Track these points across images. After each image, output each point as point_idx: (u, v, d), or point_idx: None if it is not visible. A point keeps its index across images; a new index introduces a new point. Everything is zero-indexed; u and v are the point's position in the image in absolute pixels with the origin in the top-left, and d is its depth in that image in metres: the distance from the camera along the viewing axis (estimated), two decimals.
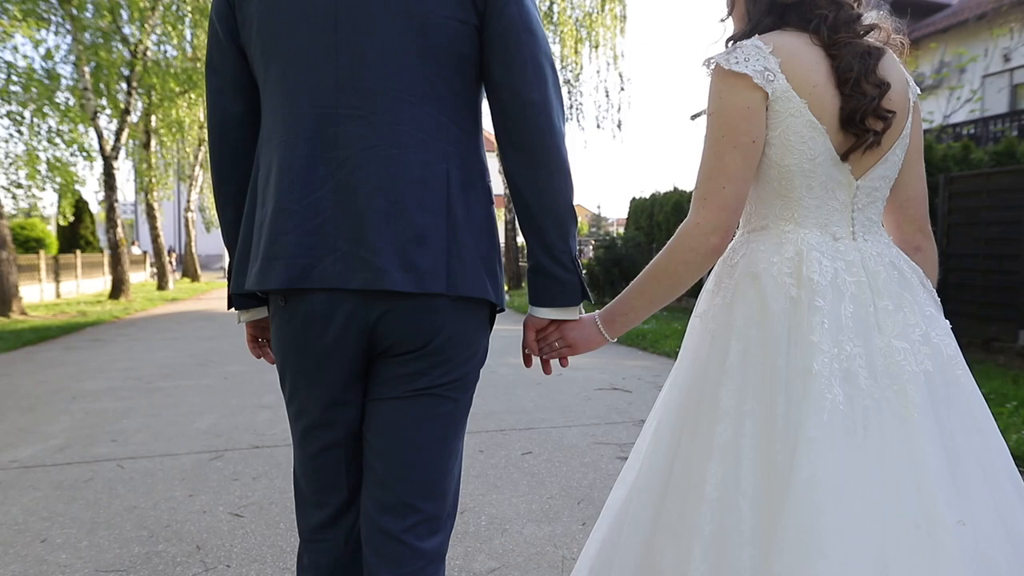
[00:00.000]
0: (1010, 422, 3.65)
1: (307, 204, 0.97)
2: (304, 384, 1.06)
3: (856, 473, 0.91)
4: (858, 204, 1.06)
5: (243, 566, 2.13)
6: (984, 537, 0.90)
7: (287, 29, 0.99)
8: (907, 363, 0.96)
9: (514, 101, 1.02)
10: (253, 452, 3.34)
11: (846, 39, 1.01)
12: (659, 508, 1.06)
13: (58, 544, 2.30)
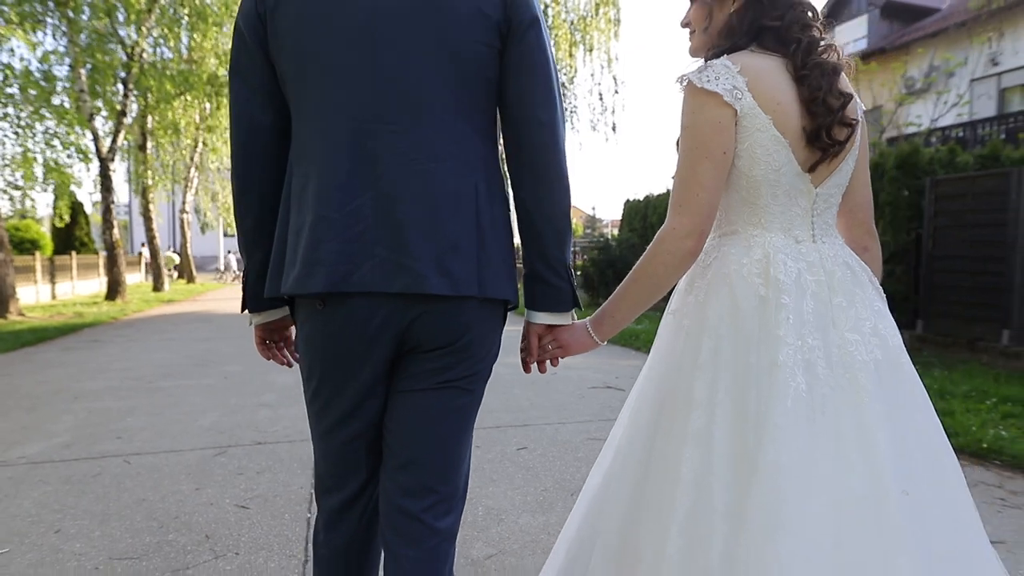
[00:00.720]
0: (988, 418, 3.78)
1: (347, 213, 1.05)
2: (339, 380, 1.14)
3: (815, 455, 1.02)
4: (817, 210, 1.17)
5: (251, 554, 2.23)
6: (924, 505, 1.02)
7: (324, 49, 1.06)
8: (859, 353, 1.08)
9: (526, 119, 1.12)
10: (256, 448, 3.43)
11: (815, 61, 1.12)
12: (637, 490, 1.17)
13: (72, 534, 2.39)
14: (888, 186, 7.16)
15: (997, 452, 3.31)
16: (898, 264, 6.89)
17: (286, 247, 1.11)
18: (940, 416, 3.29)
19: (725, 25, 1.18)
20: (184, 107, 15.76)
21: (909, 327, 7.07)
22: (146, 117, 15.55)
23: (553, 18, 15.44)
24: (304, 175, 1.10)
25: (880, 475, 1.00)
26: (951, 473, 1.10)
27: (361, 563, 1.26)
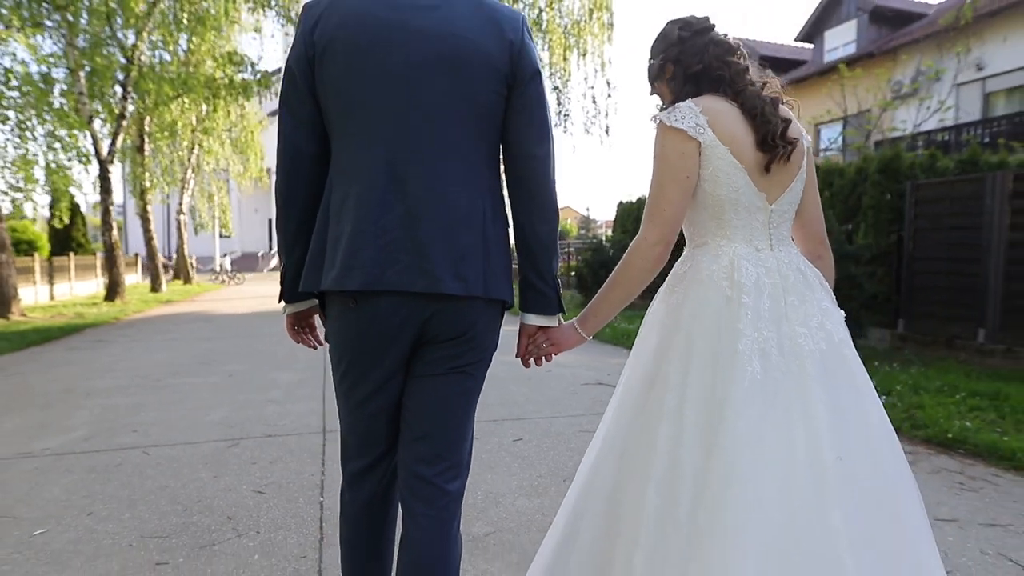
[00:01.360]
0: (955, 411, 4.01)
1: (380, 226, 1.27)
2: (366, 365, 1.35)
3: (766, 427, 1.24)
4: (773, 223, 1.39)
5: (270, 532, 2.43)
6: (857, 469, 1.24)
7: (366, 94, 1.28)
8: (806, 344, 1.29)
9: (524, 155, 1.36)
10: (267, 440, 3.63)
11: (744, 86, 1.36)
12: (622, 461, 1.39)
13: (103, 517, 2.59)
14: (871, 189, 7.41)
15: (961, 442, 3.54)
16: (880, 266, 7.13)
17: (325, 251, 1.32)
18: (912, 409, 3.54)
19: (671, 91, 1.45)
20: (182, 109, 15.90)
21: (891, 326, 7.32)
22: (144, 119, 15.68)
23: (548, 22, 15.66)
24: (344, 193, 1.32)
25: (819, 444, 1.22)
26: (885, 445, 1.31)
27: (380, 518, 1.49)
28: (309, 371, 5.78)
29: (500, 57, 1.30)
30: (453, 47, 1.27)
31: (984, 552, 2.33)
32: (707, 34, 1.42)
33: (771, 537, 1.16)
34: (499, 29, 1.31)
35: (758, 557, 1.14)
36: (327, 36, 1.28)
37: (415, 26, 1.27)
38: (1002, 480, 3.09)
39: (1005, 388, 4.53)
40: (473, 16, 1.30)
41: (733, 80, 1.37)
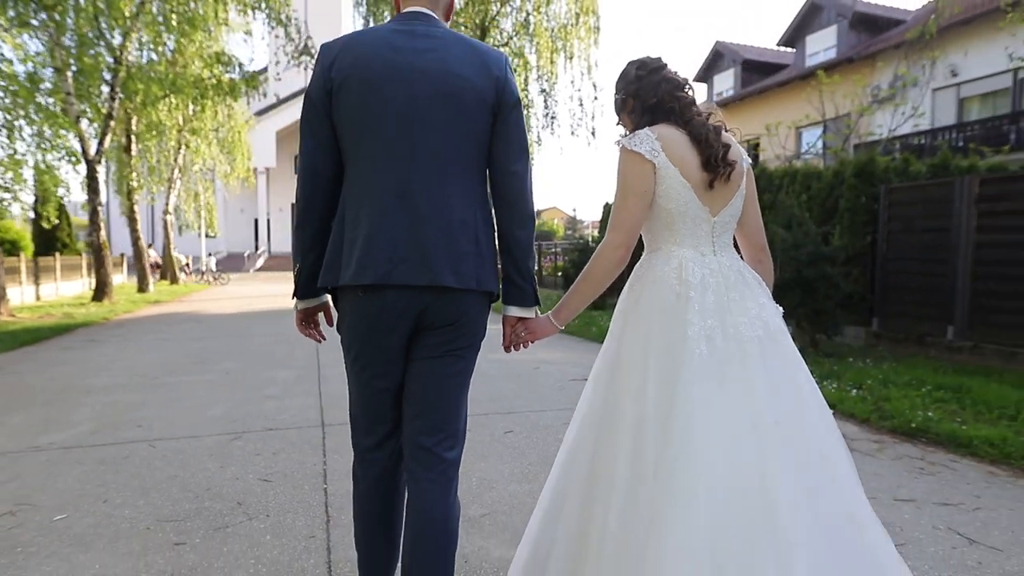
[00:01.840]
0: (920, 403, 4.26)
1: (389, 232, 1.50)
2: (374, 348, 1.57)
3: (713, 399, 1.47)
4: (716, 233, 1.63)
5: (279, 515, 2.60)
6: (793, 433, 1.46)
7: (377, 123, 1.52)
8: (746, 331, 1.53)
9: (506, 171, 1.60)
10: (268, 433, 3.79)
11: (691, 116, 1.61)
12: (598, 432, 1.61)
13: (118, 504, 2.74)
14: (847, 193, 7.69)
15: (924, 431, 3.78)
16: (855, 266, 7.39)
17: (341, 253, 1.55)
18: (880, 401, 3.80)
19: (631, 121, 1.70)
20: (169, 109, 15.89)
21: (866, 324, 7.60)
22: (131, 119, 15.66)
23: (535, 25, 15.87)
24: (358, 205, 1.54)
25: (759, 412, 1.45)
26: (817, 414, 1.55)
27: (389, 491, 1.69)
28: (304, 369, 5.92)
29: (487, 91, 1.55)
30: (449, 84, 1.52)
31: (936, 527, 2.56)
32: (660, 72, 1.67)
33: (720, 490, 1.38)
34: (487, 67, 1.56)
35: (709, 506, 1.36)
36: (343, 73, 1.51)
37: (417, 66, 1.51)
38: (959, 465, 3.33)
39: (968, 382, 4.79)
40: (465, 56, 1.55)
41: (682, 111, 1.62)
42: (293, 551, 2.31)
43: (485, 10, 15.59)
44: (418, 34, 1.56)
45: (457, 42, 1.58)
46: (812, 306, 6.79)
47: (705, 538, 1.35)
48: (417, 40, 1.54)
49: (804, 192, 8.23)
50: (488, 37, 15.95)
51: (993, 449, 3.44)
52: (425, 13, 1.61)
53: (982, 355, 6.17)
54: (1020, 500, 2.86)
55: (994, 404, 4.18)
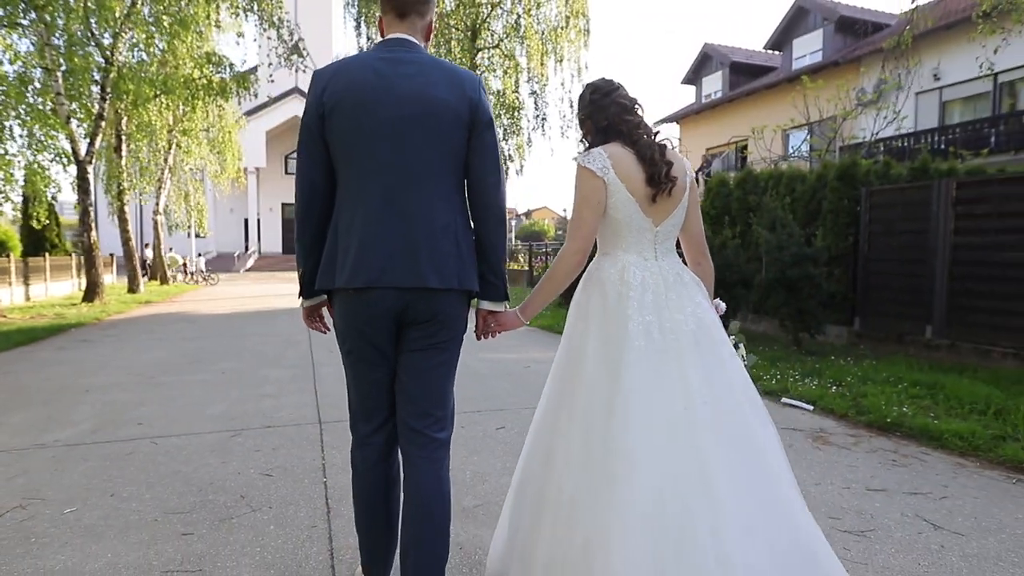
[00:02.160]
0: (895, 399, 4.44)
1: (380, 239, 1.69)
2: (365, 342, 1.76)
3: (651, 385, 1.66)
4: (658, 240, 1.83)
5: (282, 507, 2.72)
6: (721, 412, 1.66)
7: (367, 142, 1.70)
8: (682, 326, 1.73)
9: (481, 180, 1.78)
10: (266, 431, 3.90)
11: (638, 137, 1.80)
12: (556, 415, 1.82)
13: (125, 497, 2.84)
14: (830, 195, 7.87)
15: (898, 425, 3.95)
16: (838, 267, 7.59)
17: (336, 258, 1.73)
18: (858, 397, 3.98)
19: (588, 140, 1.92)
20: (159, 110, 15.88)
21: (848, 323, 7.79)
22: (121, 119, 15.63)
23: (526, 28, 16.02)
24: (351, 214, 1.72)
25: (691, 395, 1.66)
26: (745, 399, 1.74)
27: (385, 474, 1.86)
28: (298, 368, 6.02)
29: (463, 111, 1.73)
30: (430, 105, 1.70)
31: (904, 515, 2.71)
32: (612, 95, 1.86)
33: (657, 459, 1.59)
34: (462, 90, 1.74)
35: (648, 474, 1.57)
36: (335, 98, 1.70)
37: (401, 90, 1.70)
38: (929, 457, 3.49)
39: (943, 379, 4.97)
40: (442, 79, 1.73)
41: (630, 132, 1.82)
42: (296, 540, 2.43)
43: (476, 13, 15.72)
44: (402, 60, 1.74)
45: (435, 66, 1.76)
46: (795, 305, 6.98)
47: (643, 498, 1.55)
48: (400, 66, 1.72)
49: (789, 194, 8.41)
50: (479, 39, 16.09)
51: (962, 442, 3.61)
52: (407, 39, 1.79)
53: (959, 353, 6.37)
54: (985, 489, 3.03)
55: (966, 400, 4.36)
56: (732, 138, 20.66)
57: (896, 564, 2.28)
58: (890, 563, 2.28)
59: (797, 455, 3.48)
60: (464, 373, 5.48)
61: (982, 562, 2.30)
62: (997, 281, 6.11)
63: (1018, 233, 5.95)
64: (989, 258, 6.18)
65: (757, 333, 8.42)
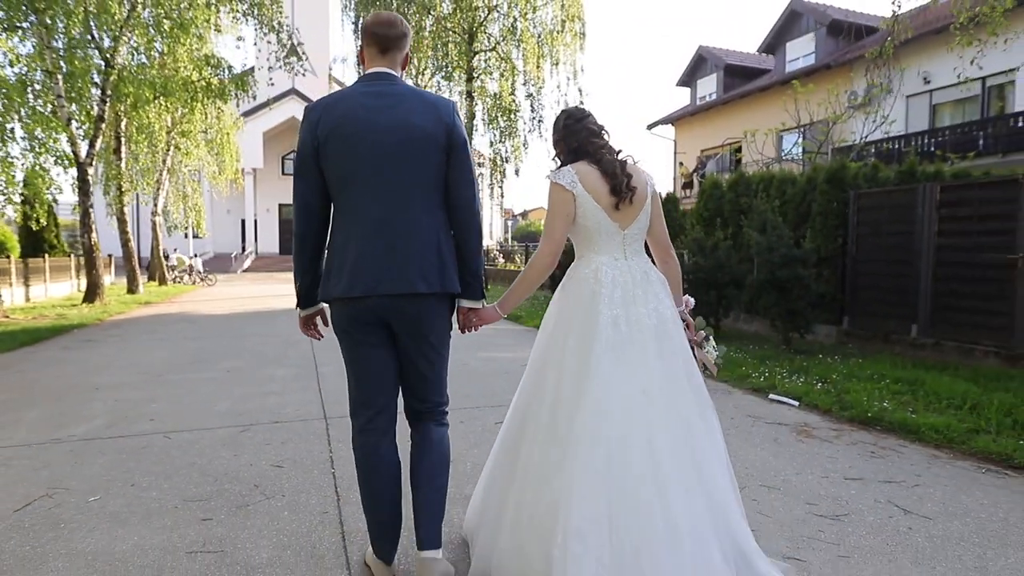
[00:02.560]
0: (877, 395, 4.63)
1: (373, 254, 1.95)
2: (362, 339, 2.03)
3: (614, 371, 1.92)
4: (626, 242, 2.10)
5: (294, 495, 2.89)
6: (670, 395, 1.94)
7: (357, 167, 1.96)
8: (645, 320, 1.99)
9: (458, 196, 2.04)
10: (274, 426, 4.06)
11: (602, 156, 2.11)
12: (531, 396, 2.08)
13: (145, 487, 3.01)
14: (819, 198, 8.07)
15: (878, 419, 4.14)
16: (827, 268, 7.78)
17: (332, 272, 2.01)
18: (842, 394, 4.19)
19: (562, 159, 2.22)
20: (159, 112, 16.00)
21: (837, 323, 7.99)
22: (120, 121, 15.75)
23: (522, 32, 16.20)
24: (345, 234, 2.00)
25: (648, 380, 1.93)
26: (688, 386, 2.04)
27: (389, 456, 2.09)
28: (301, 367, 6.18)
29: (440, 135, 1.99)
30: (410, 133, 1.96)
31: (877, 501, 2.90)
32: (583, 122, 2.17)
33: (615, 433, 1.88)
34: (439, 116, 2.00)
35: (607, 445, 1.86)
36: (327, 129, 1.95)
37: (385, 120, 1.95)
38: (906, 449, 3.68)
39: (923, 376, 5.17)
40: (420, 108, 1.99)
41: (596, 152, 2.11)
42: (310, 524, 2.60)
43: (473, 16, 15.88)
44: (384, 93, 1.99)
45: (414, 96, 2.03)
46: (785, 306, 7.17)
47: (602, 465, 1.83)
48: (383, 99, 1.98)
49: (779, 197, 8.60)
50: (476, 42, 16.27)
51: (938, 435, 3.80)
52: (387, 72, 2.04)
53: (943, 351, 6.57)
54: (955, 478, 3.22)
55: (944, 395, 4.55)
56: (726, 140, 20.90)
57: (866, 544, 2.46)
58: (860, 544, 2.47)
59: (781, 447, 3.67)
60: (463, 372, 5.67)
61: (945, 542, 2.49)
62: (979, 282, 6.31)
63: (998, 235, 6.15)
64: (971, 259, 6.39)
65: (749, 332, 8.61)
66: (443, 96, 2.23)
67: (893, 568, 2.28)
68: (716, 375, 2.51)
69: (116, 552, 2.36)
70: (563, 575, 1.73)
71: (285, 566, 2.26)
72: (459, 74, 16.36)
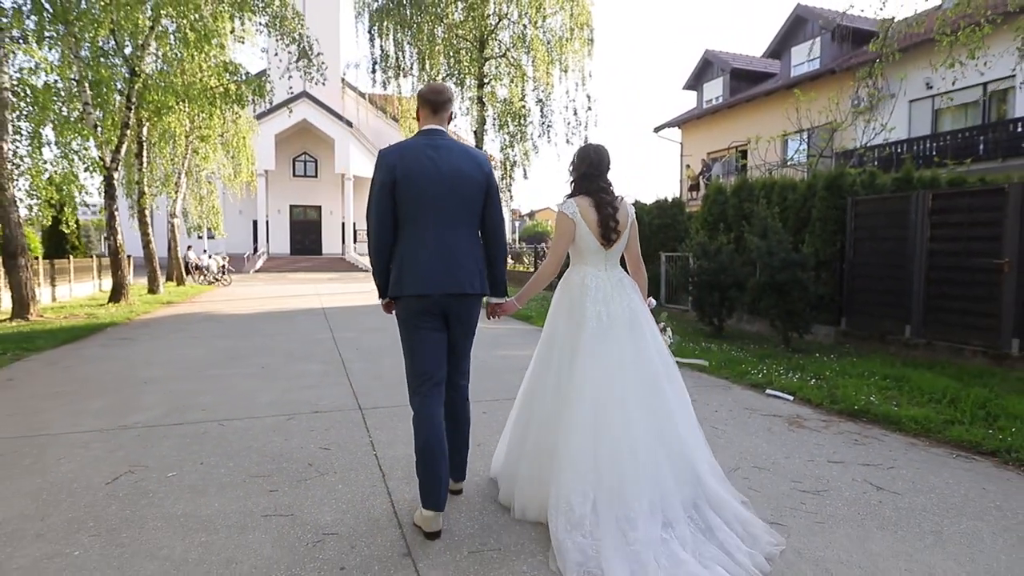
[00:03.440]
0: (866, 390, 5.01)
1: (434, 264, 2.64)
2: (423, 325, 2.68)
3: (598, 350, 2.56)
4: (607, 258, 2.75)
5: (344, 473, 3.32)
6: (641, 369, 2.54)
7: (423, 200, 2.65)
8: (619, 315, 2.59)
9: (492, 223, 2.81)
10: (315, 415, 4.50)
11: (600, 197, 2.69)
12: (539, 371, 2.72)
13: (213, 465, 3.45)
14: (819, 204, 8.44)
15: (865, 412, 4.53)
16: (826, 271, 8.15)
17: (403, 274, 2.66)
18: (833, 389, 4.63)
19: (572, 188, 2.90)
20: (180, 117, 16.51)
21: (835, 323, 8.35)
22: (142, 127, 16.27)
23: (532, 39, 16.61)
24: (412, 248, 2.69)
25: (623, 358, 2.53)
26: (659, 360, 2.71)
27: (436, 414, 2.66)
28: (329, 364, 6.62)
29: (481, 181, 2.74)
30: (459, 178, 2.68)
31: (855, 480, 3.30)
32: (599, 170, 2.81)
33: (600, 398, 2.57)
34: (479, 166, 2.76)
35: (592, 401, 2.57)
36: (401, 171, 2.64)
37: (441, 167, 2.66)
38: (887, 438, 4.07)
39: (910, 373, 5.55)
40: (466, 159, 2.72)
41: (595, 192, 2.80)
42: (362, 495, 3.03)
43: (484, 24, 16.31)
44: (439, 147, 2.70)
45: (460, 149, 2.75)
46: (784, 307, 7.55)
47: (590, 421, 2.54)
48: (438, 151, 2.68)
49: (781, 203, 8.98)
50: (487, 49, 16.68)
51: (917, 425, 4.19)
52: (439, 129, 2.77)
53: (934, 351, 6.94)
54: (927, 462, 3.61)
55: (926, 390, 4.93)
56: (732, 143, 21.22)
57: (840, 514, 2.86)
58: (835, 513, 2.87)
59: (773, 436, 4.07)
60: (483, 368, 6.09)
61: (910, 513, 2.89)
62: (968, 285, 6.68)
63: (986, 241, 6.52)
64: (961, 263, 6.75)
65: (750, 332, 9.00)
66: (481, 151, 2.99)
67: (861, 532, 2.68)
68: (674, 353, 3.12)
69: (202, 515, 2.80)
70: (558, 486, 2.48)
71: (347, 526, 2.69)
72: (470, 80, 16.78)
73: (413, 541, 2.55)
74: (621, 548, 2.29)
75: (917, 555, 2.48)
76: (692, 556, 2.30)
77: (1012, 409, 4.30)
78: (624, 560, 2.24)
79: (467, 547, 2.50)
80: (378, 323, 10.63)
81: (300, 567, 2.34)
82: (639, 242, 2.93)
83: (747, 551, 2.37)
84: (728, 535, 2.44)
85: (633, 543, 2.30)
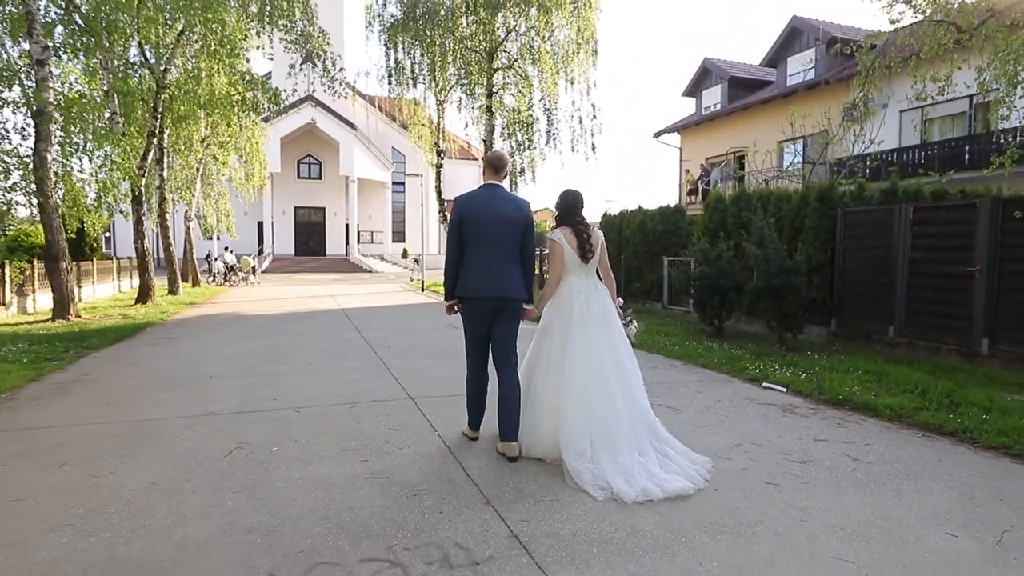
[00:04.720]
0: (849, 383, 5.74)
1: (486, 277, 3.89)
2: (477, 322, 3.95)
3: (582, 336, 3.73)
4: (586, 271, 3.90)
5: (417, 447, 4.03)
6: (613, 352, 3.62)
7: (481, 234, 3.91)
8: (596, 311, 3.66)
9: (527, 250, 4.03)
10: (374, 403, 5.20)
11: (575, 224, 3.97)
12: (537, 353, 3.78)
13: (305, 442, 4.15)
14: (811, 214, 9.18)
15: (847, 401, 5.26)
16: (817, 276, 8.88)
17: (468, 282, 3.91)
18: (821, 382, 5.44)
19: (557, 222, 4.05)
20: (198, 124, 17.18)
21: (826, 325, 9.09)
22: (163, 134, 16.95)
23: (539, 51, 17.32)
24: (473, 264, 3.94)
25: (600, 343, 3.59)
26: (623, 347, 3.84)
27: (481, 375, 4.05)
28: (367, 361, 7.31)
29: (522, 221, 3.94)
30: (509, 220, 3.90)
31: (835, 453, 4.02)
32: (576, 209, 3.96)
33: (584, 371, 3.67)
34: (522, 211, 3.97)
35: (581, 376, 3.66)
36: (469, 214, 3.92)
37: (498, 211, 3.89)
38: (866, 422, 4.80)
39: (890, 368, 6.29)
40: (511, 205, 3.95)
41: (575, 223, 3.93)
42: (440, 463, 3.75)
43: (492, 37, 17.02)
44: (496, 197, 3.93)
45: (510, 199, 3.96)
46: (779, 310, 8.28)
47: (579, 386, 3.63)
48: (496, 200, 3.91)
49: (776, 213, 9.71)
50: (495, 60, 17.39)
51: (891, 411, 4.92)
52: (498, 185, 4.03)
53: (915, 349, 7.68)
54: (897, 440, 4.34)
55: (902, 383, 5.67)
56: (730, 149, 21.98)
57: (821, 477, 3.59)
58: (817, 476, 3.60)
59: (768, 420, 4.79)
60: None
61: (877, 476, 3.62)
62: (944, 290, 7.42)
63: (960, 251, 7.26)
64: (939, 271, 7.49)
65: (748, 332, 9.72)
66: (524, 198, 4.13)
67: (837, 490, 3.41)
68: (635, 343, 4.08)
69: (315, 478, 3.51)
70: (566, 431, 3.58)
71: (433, 484, 3.41)
72: (479, 90, 17.49)
73: (490, 494, 3.27)
74: (615, 467, 3.43)
75: (880, 504, 3.21)
76: (660, 470, 3.50)
77: (972, 398, 5.04)
78: (618, 475, 3.38)
79: (533, 498, 3.22)
80: (399, 323, 11.33)
81: (408, 511, 3.06)
82: (608, 256, 4.05)
83: (693, 467, 3.57)
84: (678, 457, 3.66)
85: (621, 464, 3.45)
